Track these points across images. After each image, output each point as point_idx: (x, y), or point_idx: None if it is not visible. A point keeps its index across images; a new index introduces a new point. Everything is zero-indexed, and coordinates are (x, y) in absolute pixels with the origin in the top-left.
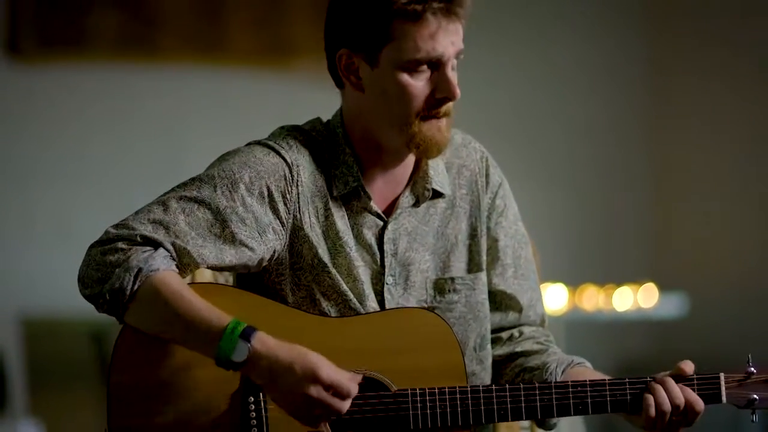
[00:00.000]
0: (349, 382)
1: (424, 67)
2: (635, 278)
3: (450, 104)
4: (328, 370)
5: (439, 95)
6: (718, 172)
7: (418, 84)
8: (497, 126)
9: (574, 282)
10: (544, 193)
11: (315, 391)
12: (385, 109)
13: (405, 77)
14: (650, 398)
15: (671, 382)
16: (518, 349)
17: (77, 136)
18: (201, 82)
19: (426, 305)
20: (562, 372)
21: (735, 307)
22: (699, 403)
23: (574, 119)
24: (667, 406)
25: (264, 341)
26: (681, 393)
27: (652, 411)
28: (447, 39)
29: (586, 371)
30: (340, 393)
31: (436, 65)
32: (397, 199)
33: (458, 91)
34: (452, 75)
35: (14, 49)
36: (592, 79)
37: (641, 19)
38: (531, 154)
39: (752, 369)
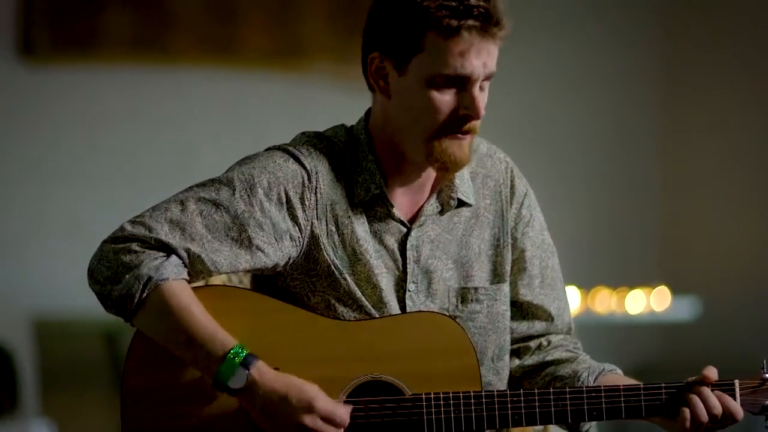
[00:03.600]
0: (343, 412)
1: (452, 84)
2: (648, 281)
3: (474, 123)
4: (324, 400)
5: (463, 112)
6: (731, 174)
7: (444, 99)
8: (510, 130)
9: (586, 285)
10: (556, 196)
11: (310, 420)
12: (409, 120)
13: (431, 91)
14: (687, 411)
15: (708, 392)
16: (548, 358)
17: (90, 136)
18: (213, 83)
19: (447, 314)
20: (594, 380)
21: (747, 310)
22: (739, 413)
23: (585, 123)
24: (705, 417)
25: (262, 371)
26: (718, 402)
27: (688, 424)
28: (478, 59)
29: (618, 378)
30: (334, 423)
31: (464, 83)
32: (421, 206)
33: (482, 111)
34: (479, 94)
35: (27, 50)
36: (605, 83)
37: (653, 25)
38: (544, 158)
39: (767, 375)
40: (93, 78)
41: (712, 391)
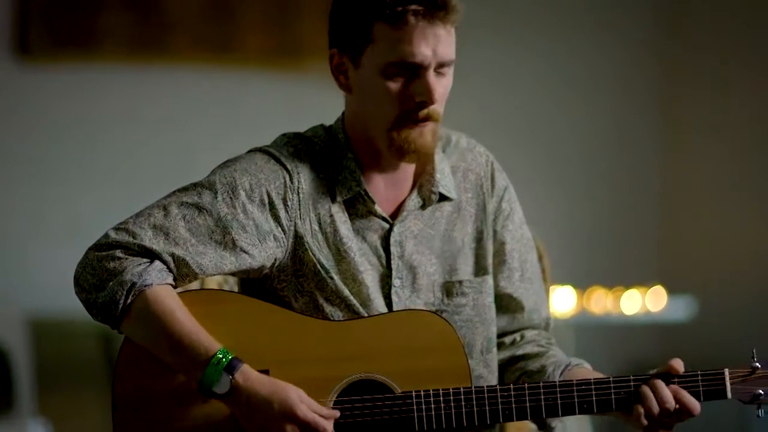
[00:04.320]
0: (325, 421)
1: (404, 71)
2: (643, 281)
3: (431, 109)
4: (305, 408)
5: (418, 99)
6: (727, 174)
7: (395, 87)
8: (506, 129)
9: (582, 284)
10: (552, 196)
11: (291, 428)
12: (369, 112)
13: (384, 80)
14: (640, 408)
15: (661, 385)
16: (519, 352)
17: (87, 136)
18: (211, 83)
19: (434, 308)
20: (560, 375)
21: (743, 311)
22: (696, 408)
23: (582, 122)
24: (656, 409)
25: (247, 375)
26: (671, 396)
27: (644, 420)
28: (427, 45)
29: (585, 372)
30: (316, 431)
31: (416, 70)
32: (403, 202)
33: (436, 96)
34: (434, 80)
35: (24, 50)
36: (602, 82)
37: (653, 25)
38: (540, 157)
39: (757, 364)
40: (91, 78)
41: (668, 384)
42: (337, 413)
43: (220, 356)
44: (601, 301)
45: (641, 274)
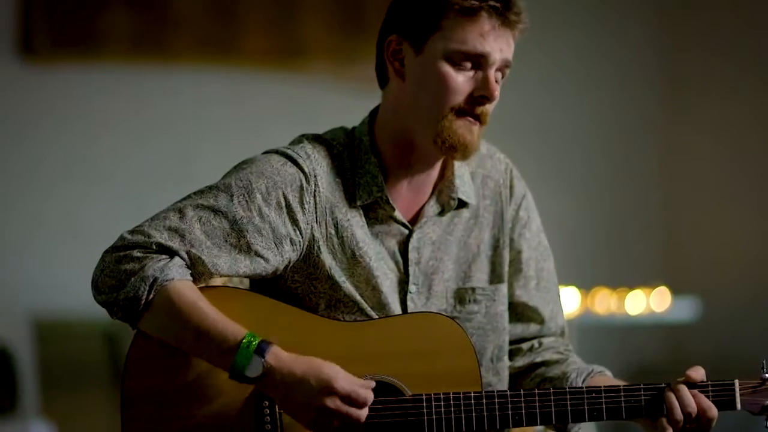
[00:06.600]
0: (365, 390)
1: (468, 64)
2: (648, 282)
3: (487, 107)
4: (343, 380)
5: (477, 93)
6: (732, 175)
7: (459, 78)
8: (510, 130)
9: (586, 285)
10: (557, 196)
11: (332, 402)
12: (422, 99)
13: (447, 68)
14: (664, 421)
15: (684, 389)
16: (538, 359)
17: (89, 136)
18: (213, 84)
19: (446, 314)
20: (583, 381)
21: (748, 311)
22: (712, 410)
23: (586, 123)
24: (679, 414)
25: (278, 356)
26: (693, 400)
27: (664, 423)
28: (496, 43)
29: (607, 380)
30: (356, 402)
31: (480, 64)
32: (421, 207)
33: (497, 93)
34: (494, 77)
35: (27, 49)
36: (606, 84)
37: (655, 26)
38: (544, 158)
39: (767, 375)
40: (93, 78)
41: (688, 390)
42: (373, 383)
43: (250, 339)
44: (606, 302)
45: (645, 274)
